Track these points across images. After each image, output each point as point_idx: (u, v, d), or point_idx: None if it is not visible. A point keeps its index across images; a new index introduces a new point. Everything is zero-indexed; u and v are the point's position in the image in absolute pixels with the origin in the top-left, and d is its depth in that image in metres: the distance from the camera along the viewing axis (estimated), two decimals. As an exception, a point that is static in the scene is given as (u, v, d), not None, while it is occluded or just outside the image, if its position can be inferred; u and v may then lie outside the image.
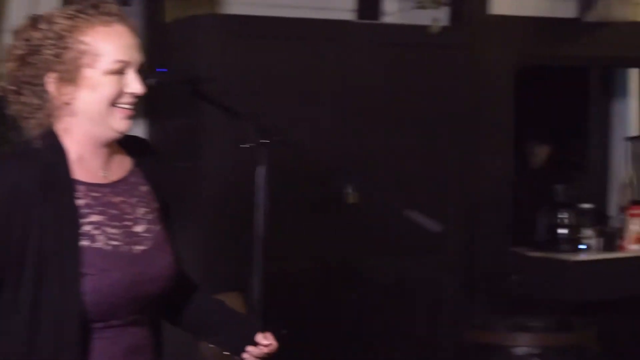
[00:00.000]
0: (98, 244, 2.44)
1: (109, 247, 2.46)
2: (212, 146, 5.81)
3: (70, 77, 2.40)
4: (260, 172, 4.13)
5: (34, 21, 2.45)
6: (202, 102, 4.87)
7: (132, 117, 2.51)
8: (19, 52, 2.48)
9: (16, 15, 5.92)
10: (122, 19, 2.48)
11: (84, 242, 2.42)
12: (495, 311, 6.33)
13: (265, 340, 2.75)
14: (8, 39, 4.56)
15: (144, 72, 2.50)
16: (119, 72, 2.43)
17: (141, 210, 2.60)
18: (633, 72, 7.83)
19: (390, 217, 4.23)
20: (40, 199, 2.40)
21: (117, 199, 2.55)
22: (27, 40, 2.45)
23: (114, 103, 2.43)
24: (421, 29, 6.12)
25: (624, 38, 7.10)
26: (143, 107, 5.91)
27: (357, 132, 6.11)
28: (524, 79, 7.06)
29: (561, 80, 8.42)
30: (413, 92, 6.29)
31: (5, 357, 2.48)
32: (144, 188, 2.66)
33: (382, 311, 5.77)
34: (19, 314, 2.41)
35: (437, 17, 6.09)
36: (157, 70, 4.59)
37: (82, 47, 2.38)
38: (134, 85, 2.46)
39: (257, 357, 2.77)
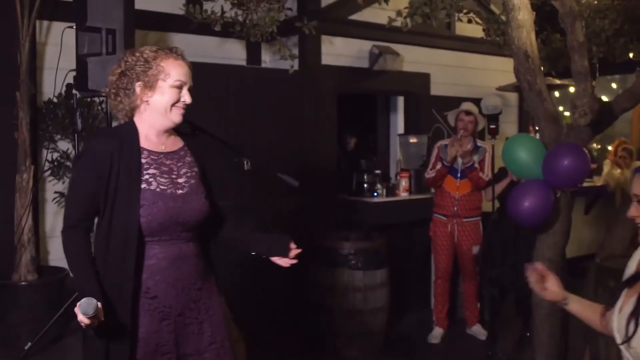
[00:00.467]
0: (152, 187, 2.62)
1: (158, 189, 2.62)
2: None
3: (150, 85, 2.63)
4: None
5: (131, 51, 2.71)
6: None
7: (183, 115, 2.73)
8: (120, 69, 2.69)
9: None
10: (184, 59, 2.76)
11: (143, 185, 2.61)
12: (330, 227, 6.41)
13: (295, 245, 2.99)
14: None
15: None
16: (179, 87, 2.67)
17: (183, 170, 2.74)
18: (400, 98, 8.26)
19: (268, 176, 4.24)
20: (117, 157, 2.57)
21: (168, 162, 2.71)
22: (126, 62, 2.67)
23: (173, 105, 2.68)
24: (284, 71, 6.34)
25: (394, 79, 7.69)
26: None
27: (249, 130, 6.34)
28: (342, 100, 7.33)
29: (362, 101, 8.60)
30: (279, 107, 6.58)
31: (96, 256, 2.63)
32: (189, 158, 2.79)
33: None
34: (101, 228, 2.62)
35: (292, 64, 6.25)
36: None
37: (160, 68, 2.64)
38: (186, 97, 2.71)
39: (291, 258, 2.98)
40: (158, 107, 2.67)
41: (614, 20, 6.08)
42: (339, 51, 7.39)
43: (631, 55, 6.56)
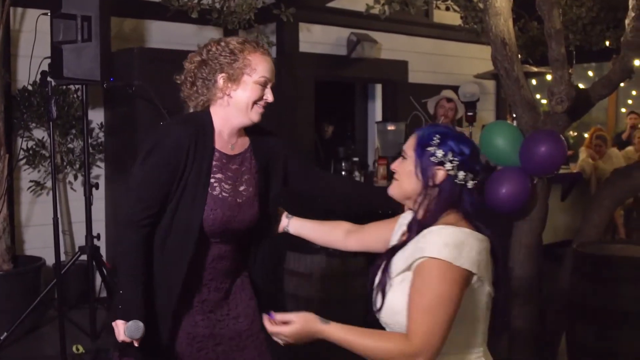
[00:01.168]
0: (215, 192, 2.51)
1: (221, 196, 2.52)
2: (142, 123, 5.90)
3: (235, 78, 2.46)
4: None
5: (215, 40, 2.54)
6: (135, 98, 5.75)
7: (262, 114, 2.55)
8: (200, 57, 2.53)
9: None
10: (270, 55, 2.56)
11: (208, 189, 2.50)
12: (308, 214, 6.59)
13: None
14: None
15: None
16: (263, 84, 2.50)
17: (245, 177, 2.61)
18: (378, 86, 8.41)
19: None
20: (192, 153, 2.45)
21: (234, 166, 2.58)
22: (209, 50, 2.50)
23: (255, 102, 2.51)
24: None
25: (371, 66, 7.76)
26: (103, 100, 6.35)
27: None
28: (319, 88, 7.36)
29: (339, 88, 8.58)
30: None
31: (156, 246, 2.52)
32: (253, 162, 2.65)
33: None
34: (164, 221, 2.49)
35: (270, 52, 6.83)
36: (111, 79, 5.46)
37: (247, 62, 2.45)
38: (269, 95, 2.53)
39: None
40: (239, 103, 2.51)
41: (590, 8, 6.13)
42: (317, 39, 7.43)
43: (607, 43, 6.61)
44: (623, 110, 11.56)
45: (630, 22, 4.29)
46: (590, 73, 11.15)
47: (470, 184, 2.09)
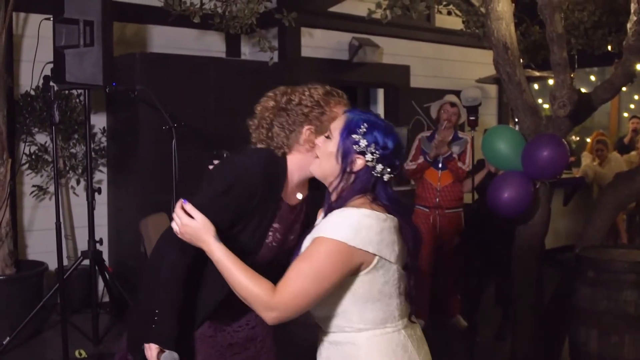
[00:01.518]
0: (268, 240, 2.45)
1: (271, 245, 2.46)
2: (144, 128, 5.90)
3: (322, 131, 2.31)
4: (174, 143, 5.01)
5: (296, 89, 2.45)
6: (138, 102, 5.75)
7: None
8: (275, 103, 2.45)
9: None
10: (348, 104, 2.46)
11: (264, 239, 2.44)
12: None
13: None
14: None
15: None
16: None
17: (296, 226, 2.56)
18: (380, 90, 8.42)
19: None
20: (263, 198, 2.38)
21: (290, 217, 2.52)
22: (290, 100, 2.41)
23: None
24: (263, 63, 6.33)
25: (373, 71, 7.78)
26: (105, 105, 6.35)
27: (229, 122, 5.74)
28: None
29: None
30: (259, 99, 6.77)
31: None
32: (304, 212, 2.60)
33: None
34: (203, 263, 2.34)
35: (272, 56, 6.34)
36: (113, 84, 5.46)
37: (334, 114, 2.35)
38: None
39: None
40: (308, 157, 2.40)
41: (592, 12, 6.13)
42: (319, 43, 7.44)
43: (609, 47, 6.61)
44: (625, 114, 11.54)
45: (632, 27, 4.30)
46: (593, 77, 11.14)
47: (386, 177, 2.13)
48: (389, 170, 2.13)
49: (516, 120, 4.79)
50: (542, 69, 7.52)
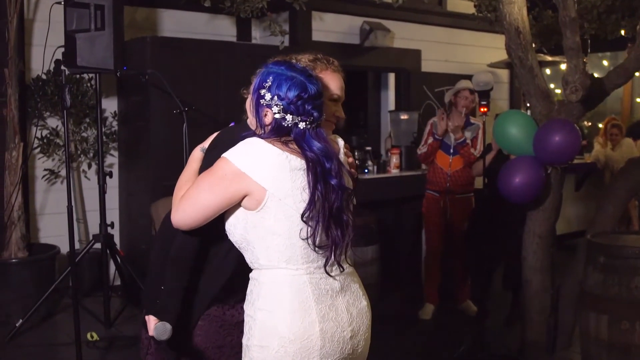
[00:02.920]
0: None
1: None
2: (155, 112, 5.92)
3: None
4: (185, 127, 5.02)
5: (283, 57, 2.49)
6: (148, 86, 5.76)
7: (336, 128, 2.55)
8: None
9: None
10: (341, 72, 2.54)
11: None
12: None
13: None
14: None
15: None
16: (334, 100, 2.49)
17: None
18: (391, 75, 8.31)
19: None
20: None
21: None
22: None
23: (327, 118, 2.41)
24: (274, 47, 6.35)
25: (384, 55, 7.71)
26: (117, 89, 6.40)
27: (239, 106, 6.53)
28: None
29: (352, 77, 9.20)
30: None
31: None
32: None
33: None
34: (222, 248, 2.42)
35: (283, 40, 6.42)
36: (124, 68, 5.47)
37: (319, 79, 2.36)
38: (339, 112, 2.53)
39: None
40: None
41: (606, -4, 6.07)
42: (330, 27, 7.38)
43: (623, 32, 6.56)
44: (638, 100, 11.44)
45: (646, 11, 4.25)
46: (605, 62, 11.04)
47: (301, 125, 2.18)
48: (301, 119, 2.18)
49: (528, 105, 4.75)
50: (554, 53, 7.48)
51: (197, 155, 2.43)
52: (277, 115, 2.17)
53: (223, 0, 6.04)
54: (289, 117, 2.16)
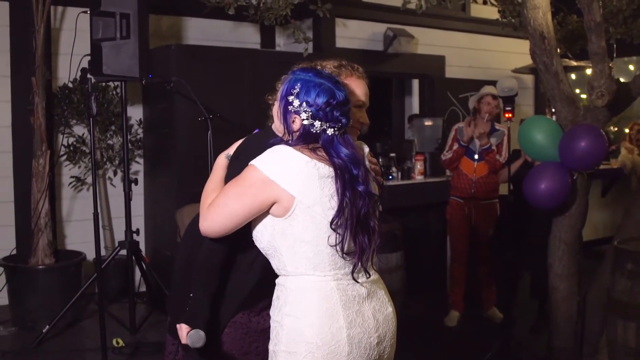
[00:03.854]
0: None
1: None
2: (180, 119, 5.92)
3: None
4: (209, 134, 5.04)
5: (308, 63, 2.51)
6: (173, 94, 5.78)
7: (360, 134, 2.56)
8: None
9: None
10: (365, 78, 2.56)
11: None
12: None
13: None
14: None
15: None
16: (359, 107, 2.51)
17: None
18: (415, 81, 8.26)
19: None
20: None
21: None
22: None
23: (352, 124, 2.40)
24: (298, 54, 6.20)
25: (408, 62, 7.70)
26: (142, 97, 6.41)
27: (264, 114, 6.50)
28: None
29: (376, 84, 9.20)
30: None
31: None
32: None
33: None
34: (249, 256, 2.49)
35: (307, 47, 6.33)
36: (149, 76, 5.49)
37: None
38: (364, 118, 2.53)
39: None
40: None
41: (631, 0, 6.01)
42: (353, 34, 7.39)
43: (649, 36, 6.48)
44: (665, 104, 11.29)
45: (672, 15, 4.21)
46: (631, 67, 10.95)
47: (330, 132, 2.19)
48: (329, 125, 2.19)
49: (553, 110, 4.71)
50: (579, 58, 7.41)
51: (222, 162, 2.45)
52: (305, 122, 2.18)
53: (247, 8, 6.04)
54: (317, 123, 2.17)
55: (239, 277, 2.52)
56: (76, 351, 5.07)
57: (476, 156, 5.83)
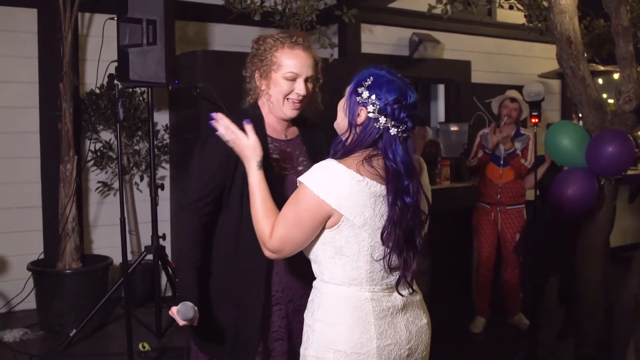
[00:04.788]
0: (275, 170, 2.59)
1: (280, 174, 2.60)
2: (207, 125, 6.15)
3: (265, 75, 2.57)
4: None
5: (256, 39, 2.65)
6: (199, 99, 5.81)
7: (298, 108, 2.60)
8: (250, 55, 2.65)
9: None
10: (304, 46, 2.60)
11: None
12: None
13: None
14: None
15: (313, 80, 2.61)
16: (292, 79, 2.55)
17: (301, 158, 2.70)
18: (440, 86, 8.42)
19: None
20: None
21: (289, 149, 2.68)
22: (252, 48, 2.64)
23: (285, 97, 2.56)
24: (323, 60, 6.41)
25: (434, 67, 7.74)
26: (168, 102, 6.47)
27: None
28: None
29: None
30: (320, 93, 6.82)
31: (220, 248, 2.64)
32: (304, 148, 2.74)
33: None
34: (229, 218, 2.59)
35: (332, 53, 6.31)
36: (175, 82, 5.53)
37: (274, 59, 2.54)
38: (300, 89, 2.55)
39: None
40: (273, 99, 2.59)
41: (660, 4, 5.96)
42: (379, 39, 7.43)
43: (677, 40, 6.41)
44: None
45: (702, 18, 4.17)
46: (660, 71, 10.81)
47: (392, 131, 2.15)
48: (394, 123, 2.14)
49: (580, 115, 4.68)
50: (606, 63, 7.35)
51: (258, 175, 2.32)
52: (370, 115, 2.16)
53: (272, 14, 6.06)
54: (382, 119, 2.15)
55: (220, 245, 2.62)
56: (103, 355, 5.11)
57: (502, 162, 5.80)
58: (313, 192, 2.09)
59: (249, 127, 2.33)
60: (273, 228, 2.18)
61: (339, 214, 2.11)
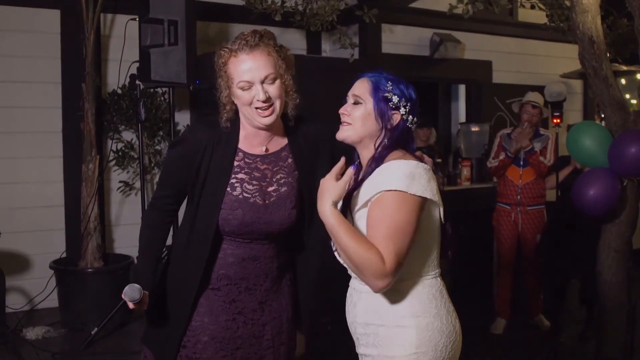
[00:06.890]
0: (236, 192, 2.48)
1: (241, 196, 2.47)
2: None
3: (230, 92, 2.45)
4: None
5: (215, 51, 2.53)
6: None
7: (270, 114, 2.42)
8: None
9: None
10: (247, 50, 2.43)
11: (228, 189, 2.47)
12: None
13: None
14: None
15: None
16: (247, 88, 2.40)
17: (278, 176, 2.55)
18: (461, 86, 8.38)
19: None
20: (211, 151, 2.45)
21: (263, 167, 2.53)
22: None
23: (251, 106, 2.40)
24: (344, 60, 6.30)
25: (455, 67, 7.69)
26: (189, 103, 6.50)
27: (309, 118, 6.34)
28: None
29: (423, 89, 9.18)
30: (340, 96, 6.61)
31: (177, 242, 2.65)
32: (289, 161, 2.57)
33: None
34: (188, 217, 2.57)
35: (353, 53, 6.34)
36: (196, 82, 5.54)
37: (226, 75, 2.45)
38: (257, 94, 2.38)
39: None
40: (241, 112, 2.49)
41: (684, 4, 5.88)
42: (400, 39, 7.39)
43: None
44: None
45: None
46: (684, 71, 10.69)
47: (413, 127, 2.27)
48: (415, 119, 2.26)
49: (602, 116, 4.64)
50: (629, 63, 7.29)
51: (334, 214, 2.10)
52: (404, 116, 2.23)
53: (293, 14, 6.07)
54: (410, 117, 2.25)
55: (191, 265, 2.60)
56: (124, 353, 5.12)
57: (521, 162, 5.76)
58: (407, 192, 2.07)
59: (349, 171, 2.13)
60: (382, 252, 2.03)
61: (425, 202, 2.13)
